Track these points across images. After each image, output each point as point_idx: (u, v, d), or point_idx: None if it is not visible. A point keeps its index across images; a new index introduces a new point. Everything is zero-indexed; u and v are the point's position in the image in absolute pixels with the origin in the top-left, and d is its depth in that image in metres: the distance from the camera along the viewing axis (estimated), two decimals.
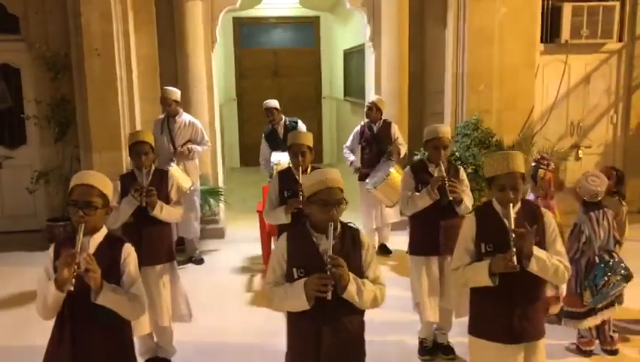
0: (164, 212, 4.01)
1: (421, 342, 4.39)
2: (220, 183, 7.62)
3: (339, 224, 2.73)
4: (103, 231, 2.81)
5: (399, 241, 6.83)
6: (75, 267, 2.51)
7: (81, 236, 2.61)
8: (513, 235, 2.71)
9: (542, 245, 2.85)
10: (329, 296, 2.54)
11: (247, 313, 5.30)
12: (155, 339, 4.22)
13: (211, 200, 7.03)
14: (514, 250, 2.69)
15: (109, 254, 2.75)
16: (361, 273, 2.71)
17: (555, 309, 4.76)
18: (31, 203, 7.50)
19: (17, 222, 7.56)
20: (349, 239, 2.75)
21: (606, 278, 4.13)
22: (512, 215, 2.77)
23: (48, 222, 7.17)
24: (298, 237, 2.76)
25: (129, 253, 2.81)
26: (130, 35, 6.77)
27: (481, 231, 2.92)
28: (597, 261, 4.20)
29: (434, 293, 4.19)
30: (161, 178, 4.13)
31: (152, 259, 3.99)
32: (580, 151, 8.07)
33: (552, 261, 2.81)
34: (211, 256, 6.81)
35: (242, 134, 12.75)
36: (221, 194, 7.19)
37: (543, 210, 3.00)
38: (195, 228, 6.51)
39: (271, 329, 4.81)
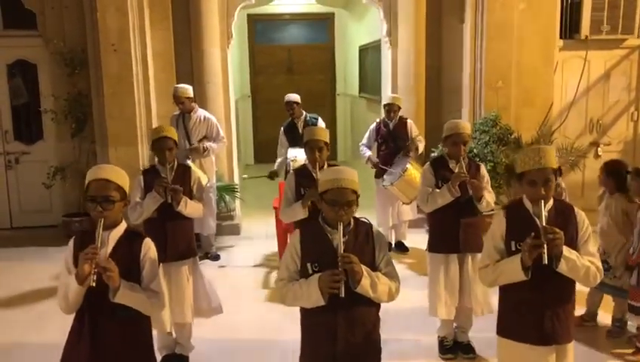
0: (189, 207, 3.98)
1: (441, 340, 4.33)
2: (236, 180, 7.60)
3: (351, 220, 2.71)
4: (123, 226, 2.78)
5: (416, 239, 6.78)
6: (95, 263, 2.50)
7: (101, 231, 2.60)
8: (543, 233, 2.64)
9: (573, 244, 2.77)
10: (342, 292, 2.52)
11: (264, 309, 5.27)
12: (173, 336, 4.20)
13: (227, 197, 7.00)
14: (545, 247, 2.62)
15: (128, 249, 2.73)
16: (374, 267, 2.69)
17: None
18: (47, 198, 7.53)
19: (33, 218, 7.59)
20: (363, 234, 2.73)
21: None
22: (544, 212, 2.70)
23: (64, 218, 7.21)
24: (311, 233, 2.74)
25: (149, 248, 2.78)
26: (146, 30, 6.77)
27: (511, 228, 2.85)
28: None
29: (451, 292, 4.12)
30: (184, 173, 4.10)
31: (176, 254, 3.97)
32: (599, 149, 7.96)
33: (582, 261, 2.73)
34: (227, 252, 6.80)
35: (256, 131, 12.75)
36: (237, 191, 7.17)
37: (576, 209, 2.89)
38: (211, 225, 6.47)
39: (287, 326, 4.77)
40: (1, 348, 4.56)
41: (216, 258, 6.51)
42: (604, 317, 4.72)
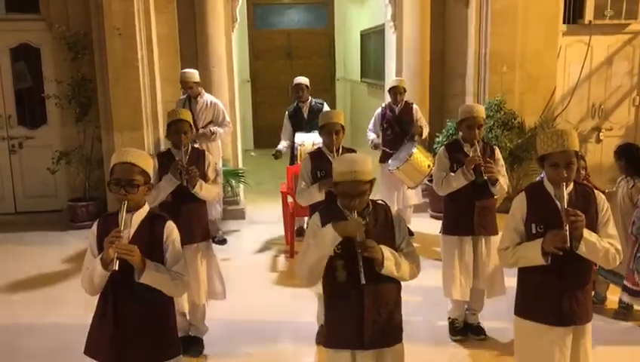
0: (204, 190, 3.98)
1: (452, 322, 4.38)
2: (240, 164, 7.61)
3: (369, 203, 2.75)
4: (146, 208, 2.80)
5: (421, 223, 6.83)
6: (116, 246, 2.53)
7: (124, 214, 2.61)
8: (565, 215, 2.65)
9: (593, 227, 2.78)
10: (362, 279, 2.58)
11: (274, 292, 5.32)
12: (187, 318, 4.23)
13: (233, 182, 7.02)
14: (567, 228, 2.63)
15: (151, 231, 2.74)
16: (395, 248, 2.74)
17: None
18: (51, 183, 7.50)
19: (38, 203, 7.56)
20: (382, 216, 2.77)
21: None
22: (565, 195, 2.71)
23: (69, 203, 7.20)
24: (330, 215, 2.74)
25: (172, 231, 2.80)
26: (150, 14, 6.73)
27: (531, 211, 2.86)
28: None
29: (466, 273, 4.16)
30: (198, 157, 4.10)
31: (189, 237, 3.95)
32: (601, 134, 8.01)
33: (602, 244, 2.74)
34: (234, 236, 6.83)
35: (256, 116, 12.72)
36: (242, 176, 7.18)
37: (597, 191, 2.91)
38: (217, 209, 6.50)
39: (297, 308, 4.85)
40: (13, 332, 4.58)
41: (223, 242, 6.53)
42: (611, 299, 4.80)
